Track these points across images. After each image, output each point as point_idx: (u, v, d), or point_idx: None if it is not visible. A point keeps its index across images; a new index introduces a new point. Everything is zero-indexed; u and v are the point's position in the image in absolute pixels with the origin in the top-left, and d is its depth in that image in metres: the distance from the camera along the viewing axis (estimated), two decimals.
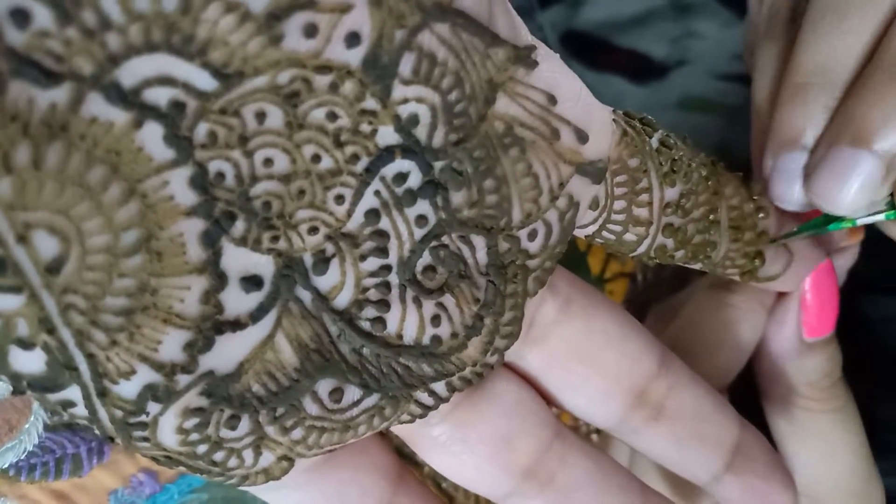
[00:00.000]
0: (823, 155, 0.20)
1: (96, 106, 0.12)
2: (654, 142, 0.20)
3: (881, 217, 0.21)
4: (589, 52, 0.36)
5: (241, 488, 0.18)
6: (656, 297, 0.35)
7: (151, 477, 0.26)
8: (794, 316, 0.26)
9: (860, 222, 0.22)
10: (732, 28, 0.37)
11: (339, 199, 0.15)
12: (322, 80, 0.14)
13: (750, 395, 0.28)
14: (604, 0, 0.36)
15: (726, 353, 0.26)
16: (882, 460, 0.27)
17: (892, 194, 0.20)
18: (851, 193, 0.20)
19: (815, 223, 0.23)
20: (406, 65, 0.14)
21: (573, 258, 0.31)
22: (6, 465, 0.23)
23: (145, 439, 0.16)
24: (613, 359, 0.21)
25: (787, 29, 0.24)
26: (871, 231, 0.26)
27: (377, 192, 0.16)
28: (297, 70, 0.14)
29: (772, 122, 0.22)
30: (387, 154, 0.15)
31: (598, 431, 0.30)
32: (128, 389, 0.15)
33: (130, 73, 0.12)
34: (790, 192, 0.22)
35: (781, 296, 0.26)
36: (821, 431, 0.26)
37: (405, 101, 0.15)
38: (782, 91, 0.22)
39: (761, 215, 0.22)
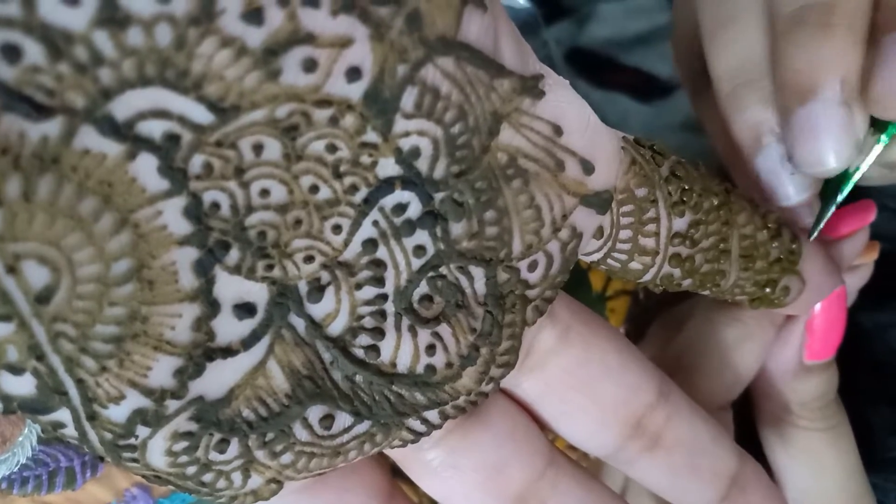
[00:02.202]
0: (786, 124, 0.20)
1: (89, 138, 0.12)
2: (665, 170, 0.19)
3: (881, 146, 0.20)
4: (594, 70, 0.36)
5: None
6: (659, 314, 0.34)
7: (145, 492, 0.25)
8: (797, 338, 0.25)
9: (865, 166, 0.21)
10: None
11: (337, 228, 0.15)
12: (322, 114, 0.14)
13: (748, 405, 0.28)
14: (609, 18, 0.36)
15: (733, 370, 0.26)
16: (874, 472, 0.27)
17: (873, 122, 0.20)
18: (832, 144, 0.19)
19: (830, 196, 0.22)
20: (408, 99, 0.14)
21: (574, 275, 0.31)
22: None
23: (134, 460, 0.16)
24: (610, 389, 0.20)
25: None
26: None
27: (375, 222, 0.16)
28: (295, 104, 0.13)
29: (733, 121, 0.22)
30: (386, 185, 0.15)
31: None
32: (117, 413, 0.15)
33: (124, 106, 0.12)
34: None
35: (789, 315, 0.26)
36: (811, 448, 0.26)
37: (407, 134, 0.15)
38: (720, 105, 0.22)
39: (775, 244, 0.22)
